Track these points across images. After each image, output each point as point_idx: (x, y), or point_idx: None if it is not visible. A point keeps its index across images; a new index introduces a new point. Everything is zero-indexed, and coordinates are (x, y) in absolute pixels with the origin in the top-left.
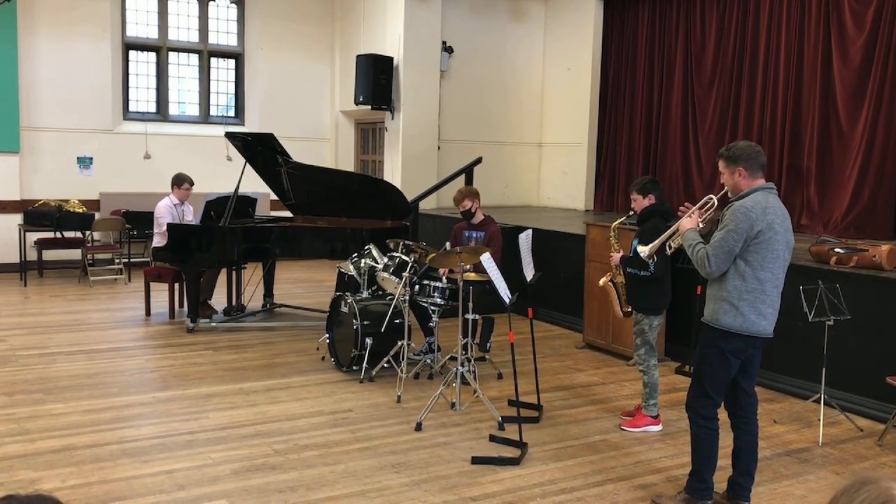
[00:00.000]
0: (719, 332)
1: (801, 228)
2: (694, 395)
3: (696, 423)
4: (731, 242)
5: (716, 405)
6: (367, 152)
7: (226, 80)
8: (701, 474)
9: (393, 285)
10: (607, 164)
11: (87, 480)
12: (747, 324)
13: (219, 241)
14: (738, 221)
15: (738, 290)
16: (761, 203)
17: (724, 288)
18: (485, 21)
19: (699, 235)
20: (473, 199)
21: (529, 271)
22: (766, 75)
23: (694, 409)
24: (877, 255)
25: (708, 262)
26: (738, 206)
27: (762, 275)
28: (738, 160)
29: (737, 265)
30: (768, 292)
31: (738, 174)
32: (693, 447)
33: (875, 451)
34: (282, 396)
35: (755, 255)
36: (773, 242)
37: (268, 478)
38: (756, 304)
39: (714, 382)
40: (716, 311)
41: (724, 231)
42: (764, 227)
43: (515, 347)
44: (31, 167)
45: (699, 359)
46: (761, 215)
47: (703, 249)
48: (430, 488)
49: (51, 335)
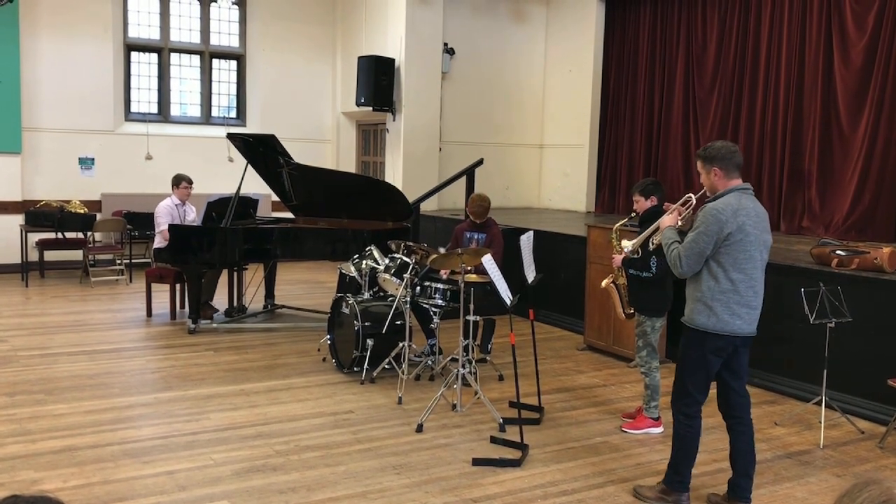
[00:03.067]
0: (696, 331)
1: (802, 231)
2: (676, 393)
3: (678, 420)
4: (702, 244)
5: (698, 403)
6: (369, 153)
7: (227, 82)
8: (677, 467)
9: (394, 287)
10: (608, 166)
11: (88, 481)
12: (721, 323)
13: (220, 242)
14: (708, 224)
15: (712, 291)
16: (733, 205)
17: (698, 289)
18: (486, 23)
19: (677, 234)
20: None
21: (531, 273)
22: (767, 77)
23: (676, 407)
24: (878, 258)
25: (680, 263)
26: (709, 208)
27: (734, 276)
28: (714, 160)
29: (709, 266)
30: (742, 292)
31: (714, 174)
32: (673, 442)
33: (876, 453)
34: (283, 397)
35: (727, 256)
36: (746, 244)
37: (269, 479)
38: (730, 305)
39: (695, 381)
40: (692, 311)
41: (695, 233)
42: (734, 230)
43: (516, 349)
44: (33, 168)
45: (680, 358)
46: (732, 217)
47: (676, 250)
48: (431, 489)
49: (52, 336)
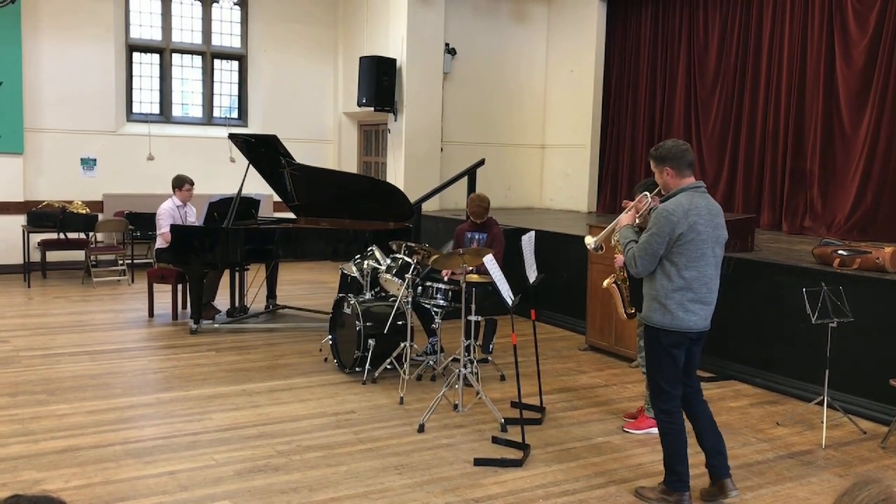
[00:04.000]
0: (653, 329)
1: (804, 231)
2: (653, 394)
3: (660, 420)
4: (655, 245)
5: (674, 398)
6: (370, 154)
7: (229, 82)
8: (671, 467)
9: (396, 287)
10: (610, 166)
11: (90, 481)
12: (676, 321)
13: (222, 243)
14: (660, 225)
15: (665, 289)
16: (684, 205)
17: (653, 287)
18: (488, 23)
19: (634, 233)
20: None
21: (532, 273)
22: (769, 77)
23: (655, 406)
24: (880, 258)
25: (635, 263)
26: (660, 209)
27: (687, 274)
28: (665, 160)
29: (663, 265)
30: (696, 290)
31: (666, 173)
32: (661, 442)
33: (878, 453)
34: (285, 398)
35: (680, 255)
36: (698, 243)
37: (271, 479)
38: (683, 302)
39: (665, 376)
40: (647, 308)
41: (648, 234)
42: (685, 230)
43: (518, 349)
44: (35, 168)
45: (647, 358)
46: (683, 218)
47: (632, 249)
48: (433, 490)
49: (54, 336)
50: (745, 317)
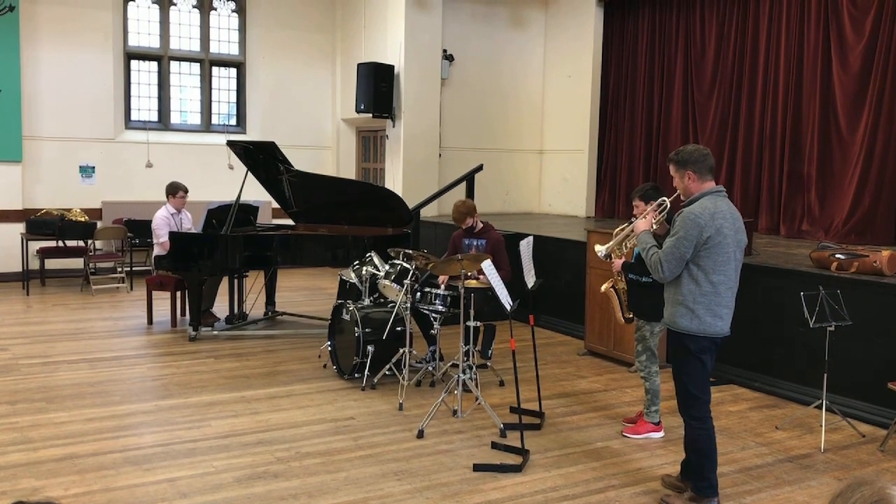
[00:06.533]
0: (681, 335)
1: (801, 234)
2: (682, 400)
3: (690, 426)
4: (682, 249)
5: (704, 403)
6: (369, 160)
7: (227, 89)
8: (702, 472)
9: (394, 293)
10: (608, 171)
11: (89, 489)
12: (704, 325)
13: (221, 249)
14: (687, 228)
15: (693, 294)
16: (709, 209)
17: (679, 292)
18: (485, 29)
19: (653, 238)
20: (474, 215)
21: (531, 278)
22: (766, 81)
23: (686, 414)
24: (878, 261)
25: (661, 268)
26: (686, 212)
27: (715, 278)
28: (687, 164)
29: (690, 270)
30: (722, 294)
31: (688, 178)
32: (692, 448)
33: (877, 456)
34: (284, 404)
35: (707, 259)
36: (724, 246)
37: (270, 485)
38: (711, 307)
39: (695, 382)
40: (673, 314)
41: (674, 238)
42: (713, 233)
43: (517, 354)
44: (34, 176)
45: (674, 364)
46: (710, 221)
47: (656, 254)
48: (432, 495)
49: (53, 344)
50: (743, 321)
